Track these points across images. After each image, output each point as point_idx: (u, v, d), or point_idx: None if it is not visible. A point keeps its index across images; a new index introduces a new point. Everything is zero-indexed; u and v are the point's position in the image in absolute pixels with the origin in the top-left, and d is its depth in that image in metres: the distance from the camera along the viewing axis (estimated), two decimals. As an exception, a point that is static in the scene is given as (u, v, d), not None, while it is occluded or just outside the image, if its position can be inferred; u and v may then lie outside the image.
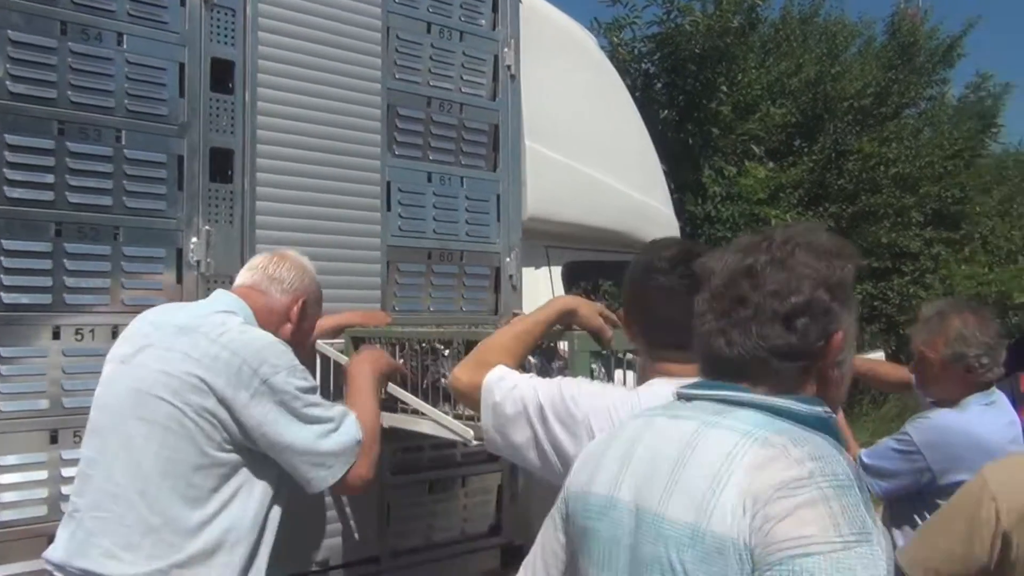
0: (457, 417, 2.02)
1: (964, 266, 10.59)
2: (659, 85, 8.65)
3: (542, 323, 1.90)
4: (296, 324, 2.01)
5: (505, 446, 1.73)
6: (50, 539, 2.04)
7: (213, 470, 1.76)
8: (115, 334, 2.13)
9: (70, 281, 2.09)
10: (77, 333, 2.11)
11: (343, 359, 2.27)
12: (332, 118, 2.54)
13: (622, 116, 3.86)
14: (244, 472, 1.80)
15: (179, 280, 2.25)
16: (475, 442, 1.97)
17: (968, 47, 10.81)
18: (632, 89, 4.24)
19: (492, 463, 2.88)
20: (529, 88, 3.07)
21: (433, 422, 2.05)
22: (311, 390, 1.86)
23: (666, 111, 8.49)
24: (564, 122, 3.40)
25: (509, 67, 2.98)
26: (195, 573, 1.72)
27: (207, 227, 2.30)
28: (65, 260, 2.09)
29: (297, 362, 1.86)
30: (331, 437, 1.84)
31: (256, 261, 2.06)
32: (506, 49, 2.97)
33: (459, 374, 1.80)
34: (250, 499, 1.80)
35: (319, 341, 2.31)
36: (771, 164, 8.79)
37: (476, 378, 1.74)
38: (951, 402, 2.45)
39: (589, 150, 3.50)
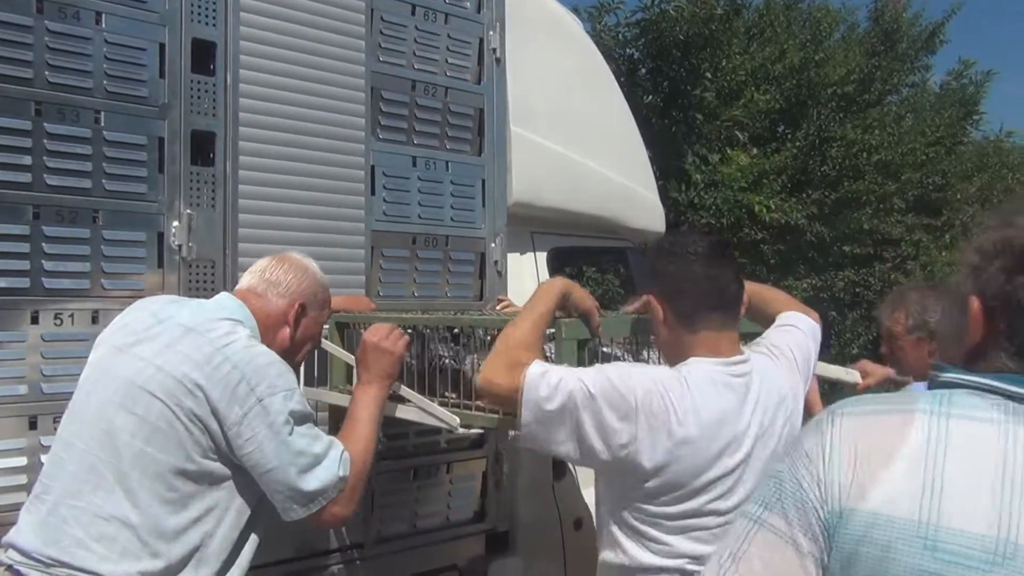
0: (443, 404, 2.01)
1: (945, 252, 10.64)
2: (643, 71, 8.63)
3: (551, 308, 1.87)
4: (293, 328, 1.97)
5: (545, 440, 1.72)
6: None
7: (196, 477, 1.73)
8: (95, 319, 2.11)
9: (48, 265, 2.05)
10: (56, 318, 2.07)
11: (349, 357, 2.23)
12: (316, 101, 2.51)
13: (607, 101, 3.84)
14: (227, 486, 1.76)
15: (160, 264, 2.22)
16: (460, 430, 1.97)
17: (950, 33, 10.82)
18: (616, 75, 4.22)
19: (477, 449, 2.87)
20: (514, 72, 3.05)
21: (419, 409, 2.03)
22: (305, 417, 1.80)
23: (650, 97, 8.46)
24: (549, 107, 3.38)
25: (494, 50, 2.96)
26: None
27: (188, 211, 2.26)
28: (43, 244, 2.05)
29: (296, 386, 1.82)
30: (313, 472, 1.76)
31: (259, 264, 2.03)
32: (491, 32, 2.95)
33: (493, 377, 1.74)
34: (225, 517, 1.76)
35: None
36: (755, 150, 8.79)
37: (514, 380, 1.70)
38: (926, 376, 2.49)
39: (574, 135, 3.48)
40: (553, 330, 1.90)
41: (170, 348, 1.76)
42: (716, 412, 1.68)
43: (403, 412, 2.09)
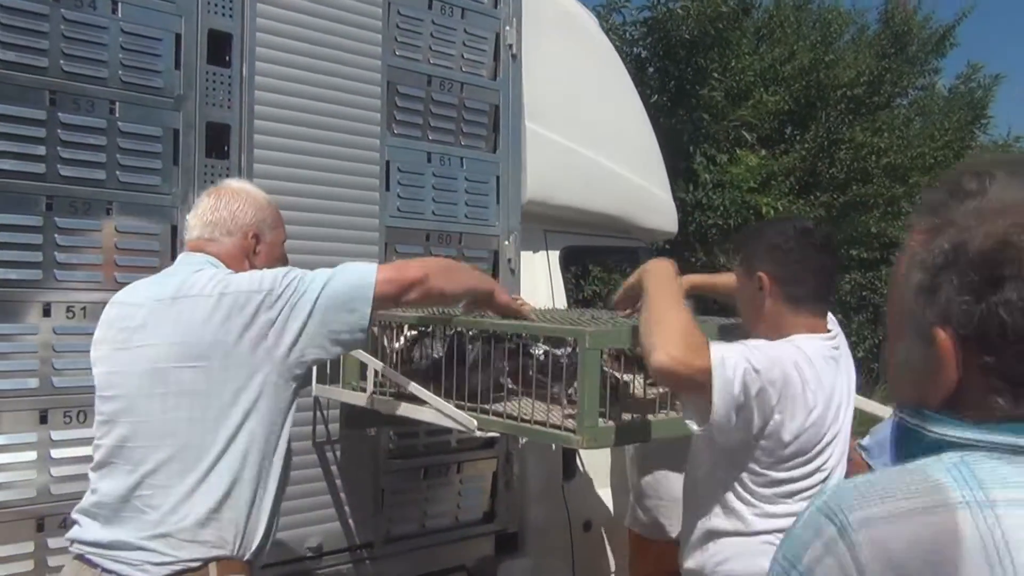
0: (459, 406, 1.98)
1: (951, 257, 10.61)
2: (651, 70, 8.59)
3: (680, 288, 1.93)
4: (254, 258, 1.93)
5: (736, 426, 1.75)
6: (39, 521, 2.00)
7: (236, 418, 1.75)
8: (107, 313, 2.08)
9: (61, 257, 2.03)
10: (68, 311, 2.04)
11: (368, 358, 2.19)
12: (331, 94, 2.48)
13: (622, 99, 3.81)
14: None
15: (173, 258, 2.18)
16: (478, 432, 1.94)
17: (960, 37, 10.79)
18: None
19: (487, 449, 2.85)
20: (530, 69, 3.02)
21: (435, 411, 2.00)
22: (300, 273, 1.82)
23: (657, 96, 8.43)
24: (565, 104, 3.35)
25: (511, 46, 2.93)
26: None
27: (203, 204, 2.23)
28: (56, 235, 2.02)
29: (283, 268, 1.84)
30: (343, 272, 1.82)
31: (197, 208, 1.95)
32: (508, 28, 2.91)
33: (683, 357, 1.70)
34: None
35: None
36: (763, 151, 8.76)
37: (704, 360, 1.70)
38: None
39: (589, 133, 3.45)
40: (572, 338, 1.87)
41: (176, 323, 1.74)
42: (829, 384, 1.84)
43: (420, 414, 2.06)
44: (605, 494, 3.42)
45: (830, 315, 2.03)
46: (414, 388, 2.06)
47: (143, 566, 1.68)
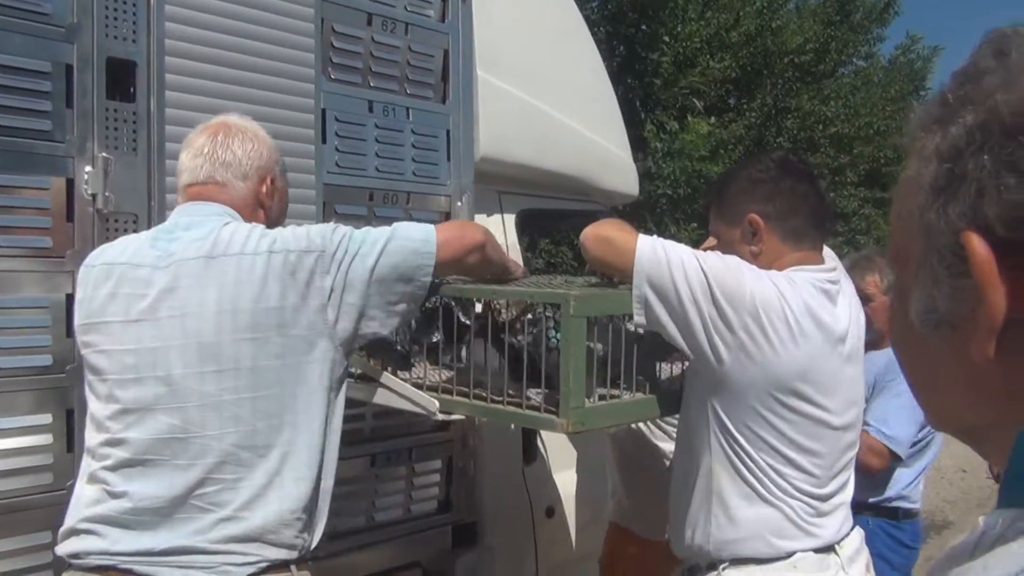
0: (417, 386, 1.70)
1: (894, 227, 10.68)
2: (600, 33, 8.34)
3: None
4: (268, 206, 1.72)
5: (667, 320, 1.59)
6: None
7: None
8: (-11, 283, 1.74)
9: (-75, 216, 1.68)
10: (-62, 281, 1.69)
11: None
12: (257, 30, 2.14)
13: (580, 51, 3.54)
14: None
15: (70, 217, 1.85)
16: (440, 416, 1.66)
17: (903, 6, 10.77)
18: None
19: (440, 432, 2.57)
20: (482, 11, 2.71)
21: (394, 392, 1.72)
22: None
23: (605, 62, 8.18)
24: (520, 53, 3.06)
25: (461, -15, 2.62)
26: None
27: (104, 154, 1.89)
28: (-82, 189, 1.67)
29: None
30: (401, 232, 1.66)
31: (198, 143, 1.70)
32: (458, -37, 2.61)
33: (606, 233, 1.67)
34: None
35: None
36: (712, 119, 8.60)
37: (630, 242, 1.60)
38: None
39: (546, 87, 3.17)
40: (557, 304, 1.61)
41: (222, 288, 1.51)
42: (827, 319, 1.67)
43: (377, 396, 1.77)
44: (569, 477, 3.18)
45: (829, 251, 1.85)
46: (367, 369, 1.78)
47: (220, 567, 1.47)
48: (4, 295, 1.76)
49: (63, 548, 1.57)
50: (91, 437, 1.61)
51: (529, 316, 1.81)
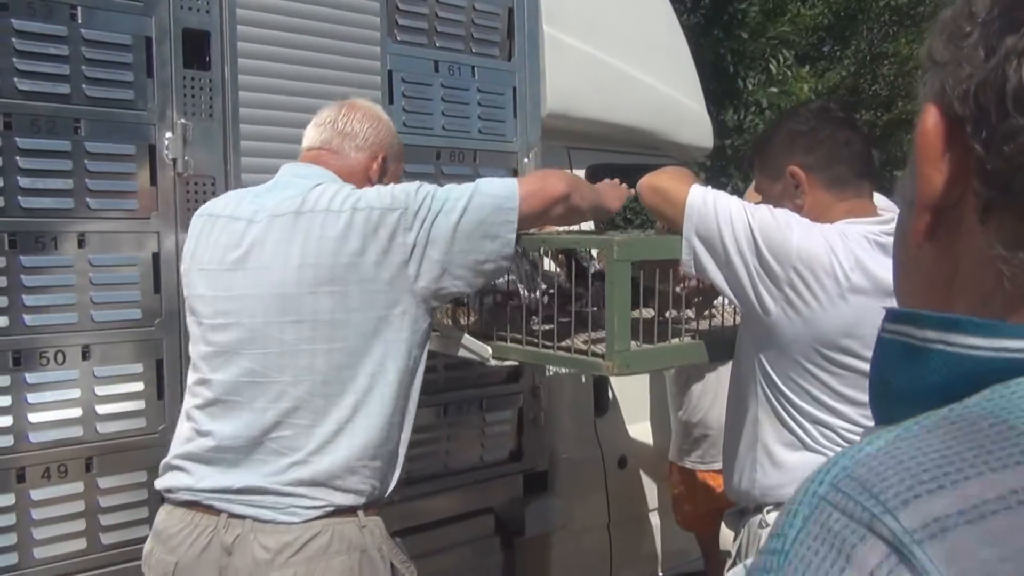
0: (473, 335, 1.76)
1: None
2: (684, -15, 8.14)
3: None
4: (376, 184, 1.77)
5: (714, 272, 1.62)
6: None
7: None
8: (81, 243, 1.89)
9: (24, 182, 1.82)
10: (37, 242, 1.85)
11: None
12: (323, -4, 2.22)
13: (649, 2, 3.49)
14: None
15: (153, 181, 1.98)
16: (493, 361, 1.72)
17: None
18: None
19: (511, 384, 2.64)
20: (546, -35, 2.72)
21: (447, 339, 1.79)
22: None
23: (690, 15, 8.00)
24: (585, 6, 3.05)
25: (525, -60, 2.63)
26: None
27: (183, 120, 2.01)
28: (17, 158, 1.81)
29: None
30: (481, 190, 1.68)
31: (323, 115, 1.81)
32: (521, -81, 2.62)
33: (660, 183, 1.70)
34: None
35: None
36: (804, 69, 8.32)
37: (683, 189, 1.62)
38: None
39: (613, 38, 3.15)
40: (598, 250, 1.65)
41: (306, 242, 1.58)
42: (882, 274, 1.58)
43: (432, 343, 1.85)
44: (642, 428, 3.21)
45: (888, 201, 1.78)
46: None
47: (289, 509, 1.56)
48: (98, 254, 1.91)
49: (160, 483, 1.71)
50: (189, 377, 1.74)
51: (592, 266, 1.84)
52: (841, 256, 1.57)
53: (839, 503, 0.41)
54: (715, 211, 1.59)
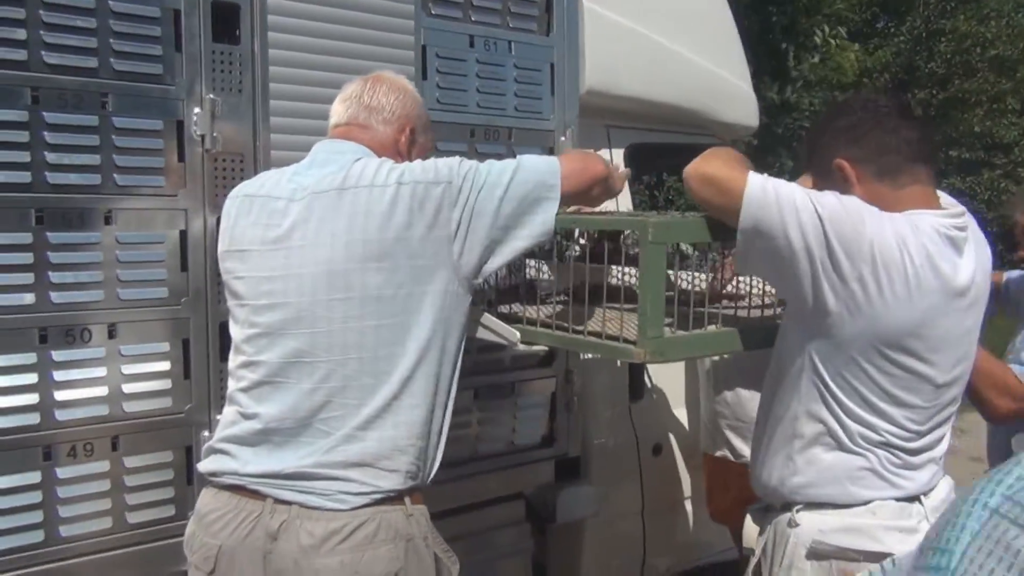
0: (502, 318, 1.71)
1: (1062, 159, 9.75)
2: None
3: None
4: (406, 156, 1.76)
5: (769, 268, 1.57)
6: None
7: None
8: (108, 219, 1.87)
9: (51, 157, 1.80)
10: (64, 218, 1.83)
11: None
12: (356, -32, 2.16)
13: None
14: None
15: (181, 158, 1.95)
16: (521, 346, 1.67)
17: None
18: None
19: (543, 368, 2.59)
20: (587, -63, 2.63)
21: (474, 322, 1.74)
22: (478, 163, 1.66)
23: (741, -9, 7.80)
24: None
25: (564, -90, 2.54)
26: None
27: (211, 95, 1.97)
28: (44, 132, 1.79)
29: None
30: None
31: (349, 90, 1.80)
32: None
33: (713, 170, 1.57)
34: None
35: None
36: (856, 46, 8.07)
37: (739, 179, 1.51)
38: None
39: (656, 14, 3.05)
40: (630, 232, 1.58)
41: (353, 217, 1.56)
42: (950, 270, 1.54)
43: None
44: (679, 415, 3.14)
45: (949, 197, 1.69)
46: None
47: (336, 496, 1.54)
48: (125, 232, 1.89)
49: (203, 466, 1.69)
50: (232, 360, 1.71)
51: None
52: (913, 251, 1.49)
53: (1018, 517, 0.38)
54: (777, 201, 1.48)
